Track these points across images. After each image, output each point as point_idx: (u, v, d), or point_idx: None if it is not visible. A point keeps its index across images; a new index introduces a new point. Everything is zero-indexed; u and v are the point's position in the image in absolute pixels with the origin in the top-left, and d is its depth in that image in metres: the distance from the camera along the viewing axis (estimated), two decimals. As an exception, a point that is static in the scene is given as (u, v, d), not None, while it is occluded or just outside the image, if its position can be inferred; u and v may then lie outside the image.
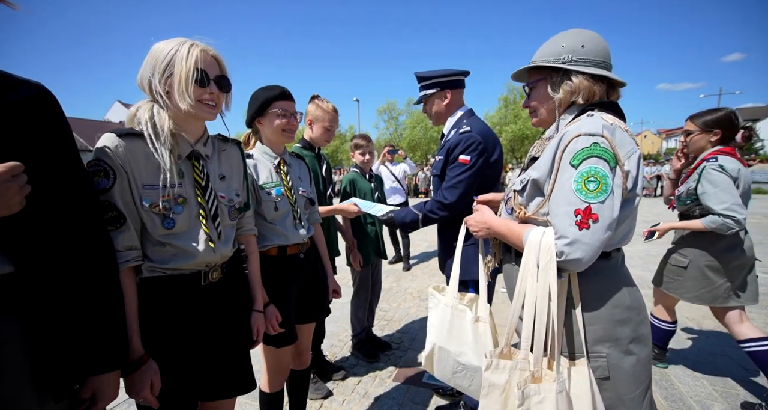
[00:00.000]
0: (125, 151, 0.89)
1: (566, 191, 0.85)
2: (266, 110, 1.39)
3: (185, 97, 0.92)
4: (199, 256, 0.98)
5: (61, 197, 0.72)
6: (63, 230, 0.72)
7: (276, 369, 1.48)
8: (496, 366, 0.92)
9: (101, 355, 0.76)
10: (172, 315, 0.97)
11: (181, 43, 0.94)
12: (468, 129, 1.65)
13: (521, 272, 0.92)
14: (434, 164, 1.81)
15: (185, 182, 0.98)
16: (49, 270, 0.69)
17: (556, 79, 0.99)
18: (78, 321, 0.73)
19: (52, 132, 0.72)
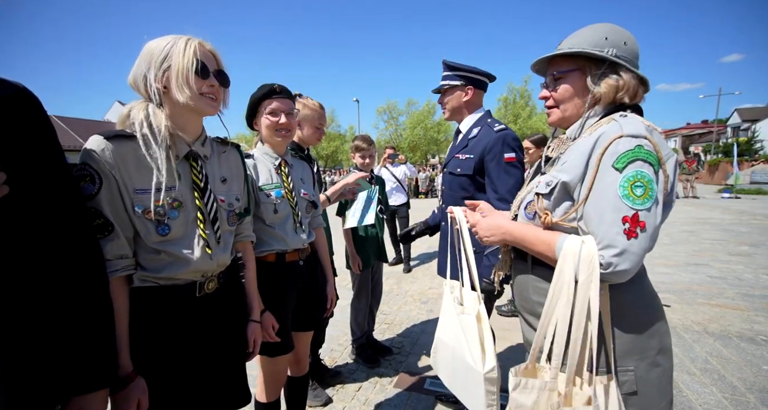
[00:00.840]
0: (114, 154, 0.84)
1: (611, 196, 0.78)
2: (257, 110, 1.36)
3: (185, 90, 0.88)
4: (194, 263, 0.93)
5: (42, 202, 0.67)
6: (45, 238, 0.67)
7: (272, 379, 1.43)
8: (524, 385, 0.86)
9: (87, 373, 0.71)
10: (165, 328, 0.91)
11: (177, 37, 0.91)
12: (504, 127, 1.61)
13: (554, 285, 0.84)
14: (451, 162, 1.73)
15: (182, 185, 0.93)
16: (29, 281, 0.64)
17: (596, 72, 0.90)
18: (62, 336, 0.68)
19: (32, 134, 0.67)
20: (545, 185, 0.91)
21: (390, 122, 28.89)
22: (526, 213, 0.97)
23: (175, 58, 0.88)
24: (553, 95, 0.96)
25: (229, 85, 1.01)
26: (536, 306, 0.96)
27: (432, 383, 2.19)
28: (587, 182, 0.82)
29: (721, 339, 2.67)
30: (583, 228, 0.85)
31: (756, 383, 2.12)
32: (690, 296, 3.58)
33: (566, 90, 0.94)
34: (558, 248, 0.84)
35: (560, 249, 0.83)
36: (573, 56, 0.92)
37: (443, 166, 1.85)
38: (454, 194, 1.71)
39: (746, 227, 7.05)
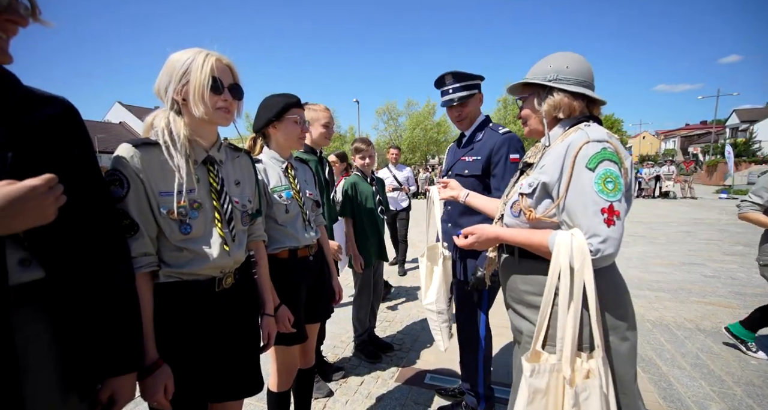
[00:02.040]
0: (141, 160, 0.92)
1: (588, 192, 0.92)
2: (284, 115, 1.42)
3: (200, 105, 0.96)
4: (213, 260, 1.01)
5: (84, 207, 0.75)
6: (86, 238, 0.75)
7: (286, 368, 1.51)
8: (537, 370, 0.94)
9: (119, 358, 0.79)
10: (186, 320, 0.99)
11: (197, 52, 0.98)
12: (508, 130, 1.72)
13: (551, 274, 0.95)
14: (457, 164, 1.79)
15: (200, 188, 1.01)
16: (73, 276, 0.72)
17: (542, 95, 1.09)
18: (97, 325, 0.76)
19: (77, 146, 0.75)
20: (528, 186, 1.04)
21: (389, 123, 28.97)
22: (512, 212, 1.09)
23: (193, 74, 0.95)
24: (522, 114, 1.18)
25: (242, 97, 1.08)
26: (524, 295, 1.10)
27: (432, 377, 2.27)
28: (564, 181, 0.96)
29: (712, 336, 2.75)
30: (567, 222, 0.97)
31: (743, 377, 2.20)
32: (684, 294, 3.67)
33: (526, 111, 1.16)
34: (551, 243, 0.95)
35: (553, 243, 0.95)
36: (528, 84, 1.13)
37: (447, 169, 1.87)
38: None
39: (741, 228, 7.15)
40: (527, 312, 1.09)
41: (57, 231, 0.69)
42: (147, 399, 0.90)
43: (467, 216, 1.73)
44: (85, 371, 0.73)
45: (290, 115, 1.43)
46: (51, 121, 0.70)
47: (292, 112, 1.43)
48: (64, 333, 0.70)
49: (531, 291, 1.08)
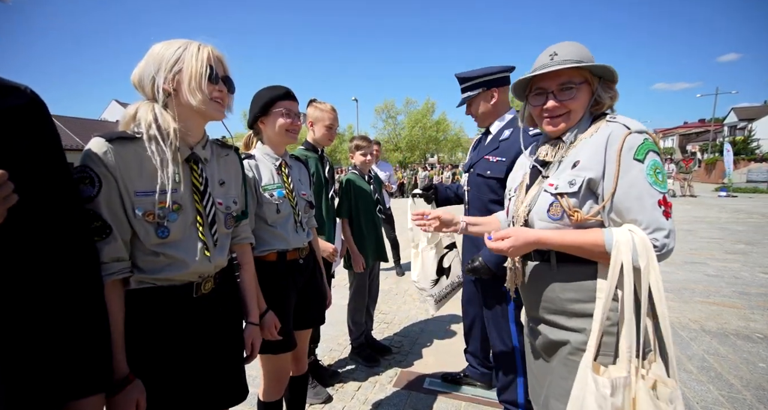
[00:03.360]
0: (115, 156, 0.83)
1: (641, 184, 0.86)
2: (270, 109, 1.36)
3: (197, 94, 0.89)
4: (193, 265, 0.93)
5: (47, 207, 0.67)
6: (46, 242, 0.67)
7: (275, 377, 1.43)
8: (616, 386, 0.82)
9: (83, 378, 0.71)
10: (161, 329, 0.91)
11: (188, 42, 0.92)
12: (539, 131, 1.60)
13: (612, 278, 0.84)
14: (480, 163, 1.69)
15: (182, 187, 0.93)
16: (26, 284, 0.64)
17: (596, 85, 0.99)
18: (57, 340, 0.68)
19: (41, 140, 0.67)
20: (569, 185, 0.93)
21: (388, 122, 28.88)
22: (551, 216, 0.96)
23: (188, 62, 0.89)
24: (569, 105, 0.98)
25: (234, 91, 1.02)
26: (566, 304, 0.97)
27: (431, 382, 2.19)
28: (611, 176, 0.88)
29: (718, 337, 2.69)
30: (616, 219, 0.89)
31: (752, 380, 2.14)
32: (687, 294, 3.61)
33: (579, 100, 0.98)
34: (608, 242, 0.85)
35: (611, 242, 0.85)
36: (579, 69, 0.97)
37: (469, 166, 1.79)
38: (482, 197, 1.67)
39: (743, 226, 7.10)
40: (572, 322, 0.97)
41: (11, 234, 0.61)
42: None
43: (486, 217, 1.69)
44: (34, 395, 0.64)
45: (276, 108, 1.35)
46: (13, 112, 0.62)
47: (278, 105, 1.35)
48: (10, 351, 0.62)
49: (576, 299, 0.96)
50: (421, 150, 27.71)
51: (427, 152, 28.60)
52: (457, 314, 3.24)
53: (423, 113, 27.18)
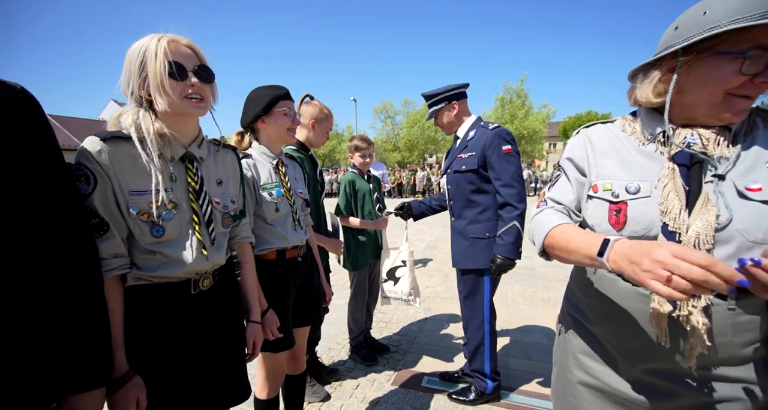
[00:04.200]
0: (109, 155, 0.84)
1: None
2: (272, 108, 1.35)
3: (162, 96, 0.86)
4: (189, 265, 0.93)
5: (39, 203, 0.67)
6: (41, 238, 0.68)
7: (272, 375, 1.43)
8: None
9: (81, 372, 0.71)
10: (161, 325, 0.92)
11: (150, 39, 0.88)
12: (497, 125, 1.86)
13: None
14: (455, 162, 1.93)
15: (177, 187, 0.93)
16: (24, 280, 0.65)
17: None
18: (57, 335, 0.68)
19: (30, 135, 0.67)
20: None
21: (387, 122, 28.88)
22: None
23: (149, 63, 0.85)
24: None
25: (213, 79, 0.96)
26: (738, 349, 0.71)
27: (429, 380, 2.20)
28: None
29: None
30: None
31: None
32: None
33: None
34: None
35: None
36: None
37: (446, 168, 2.02)
38: (462, 190, 1.91)
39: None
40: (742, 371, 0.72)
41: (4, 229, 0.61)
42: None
43: (468, 209, 1.91)
44: (33, 388, 0.65)
45: (279, 108, 1.35)
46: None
47: (280, 105, 1.36)
48: (8, 344, 0.62)
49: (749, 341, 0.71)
50: (420, 150, 27.71)
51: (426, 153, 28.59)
52: (455, 313, 3.26)
53: (422, 113, 27.17)
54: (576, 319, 0.94)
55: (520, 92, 24.15)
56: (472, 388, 1.99)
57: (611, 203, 0.80)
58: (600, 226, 0.81)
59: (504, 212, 1.79)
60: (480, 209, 1.88)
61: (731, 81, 0.68)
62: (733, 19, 0.65)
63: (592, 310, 0.87)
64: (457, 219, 1.97)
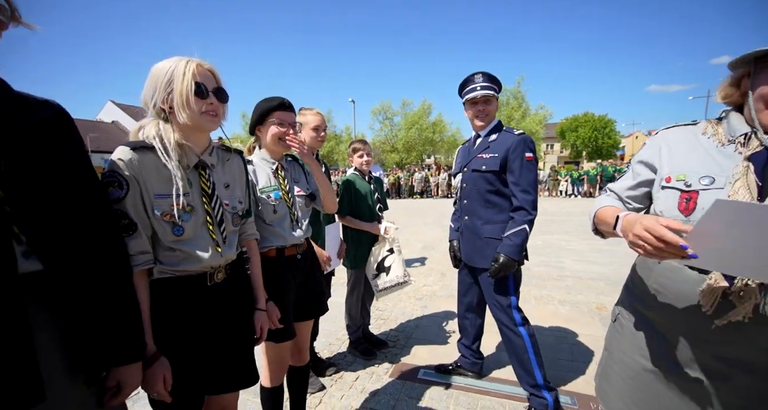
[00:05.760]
0: (138, 163, 0.94)
1: None
2: (265, 119, 1.46)
3: (186, 110, 0.98)
4: (205, 260, 1.04)
5: (77, 205, 0.77)
6: (82, 237, 0.78)
7: (276, 364, 1.53)
8: None
9: (122, 349, 0.82)
10: (181, 313, 1.02)
11: (178, 60, 1.00)
12: (522, 131, 1.90)
13: None
14: (474, 161, 1.95)
15: (192, 191, 1.04)
16: (71, 270, 0.75)
17: None
18: (99, 318, 0.79)
19: (69, 146, 0.77)
20: None
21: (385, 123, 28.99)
22: None
23: (176, 82, 0.97)
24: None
25: (227, 100, 1.09)
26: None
27: (425, 373, 2.31)
28: None
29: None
30: None
31: None
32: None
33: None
34: None
35: None
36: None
37: (461, 166, 2.05)
38: (479, 189, 1.93)
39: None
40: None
41: (52, 228, 0.72)
42: (147, 390, 0.92)
43: (485, 208, 1.92)
44: (89, 359, 0.76)
45: (270, 118, 1.45)
46: (43, 124, 0.72)
47: (272, 115, 1.45)
48: (67, 324, 0.73)
49: None
50: (418, 151, 27.85)
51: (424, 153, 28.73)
52: (450, 310, 3.37)
53: (419, 114, 27.33)
54: (635, 309, 1.04)
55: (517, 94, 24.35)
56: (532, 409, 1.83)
57: (683, 191, 0.88)
58: (669, 212, 0.90)
59: (517, 215, 1.80)
60: (497, 209, 1.89)
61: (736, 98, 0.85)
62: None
63: (655, 298, 0.96)
64: (471, 218, 1.97)
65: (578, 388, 2.10)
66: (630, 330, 1.04)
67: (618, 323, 1.11)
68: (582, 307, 3.40)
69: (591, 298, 3.63)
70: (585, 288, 3.88)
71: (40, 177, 0.71)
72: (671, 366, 0.93)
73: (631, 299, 1.07)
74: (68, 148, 0.77)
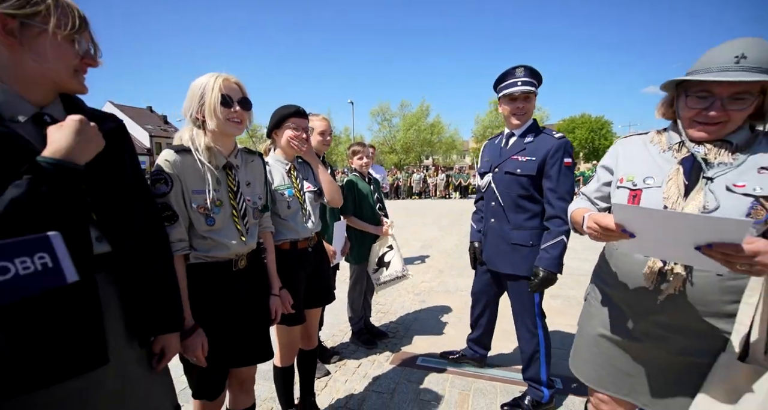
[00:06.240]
0: (180, 163, 1.12)
1: None
2: (282, 124, 1.63)
3: (213, 118, 1.15)
4: (232, 247, 1.20)
5: (133, 200, 0.94)
6: (136, 225, 0.94)
7: (288, 347, 1.70)
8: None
9: (166, 320, 0.99)
10: (212, 294, 1.19)
11: (209, 77, 1.18)
12: (562, 135, 1.80)
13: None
14: (507, 163, 1.85)
15: (221, 188, 1.21)
16: (129, 254, 0.91)
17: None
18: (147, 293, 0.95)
19: (127, 151, 0.94)
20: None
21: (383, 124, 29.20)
22: (756, 220, 0.90)
23: (207, 95, 1.15)
24: (733, 116, 0.93)
25: (251, 108, 1.26)
26: (723, 306, 0.95)
27: (423, 360, 2.47)
28: None
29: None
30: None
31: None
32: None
33: (747, 111, 0.92)
34: None
35: None
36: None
37: (490, 166, 1.94)
38: (511, 193, 1.83)
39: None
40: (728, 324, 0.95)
41: (116, 218, 0.88)
42: (188, 354, 1.09)
43: (515, 213, 1.84)
44: (141, 326, 0.92)
45: (287, 123, 1.62)
46: (111, 133, 0.89)
47: (289, 121, 1.62)
48: (126, 297, 0.89)
49: (734, 299, 0.94)
50: (417, 152, 28.06)
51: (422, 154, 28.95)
52: (447, 305, 3.54)
53: (418, 115, 27.56)
54: (600, 288, 1.23)
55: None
56: (527, 399, 1.92)
57: (631, 190, 1.08)
58: None
59: (552, 224, 1.72)
60: (528, 215, 1.81)
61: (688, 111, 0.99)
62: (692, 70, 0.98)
63: (614, 277, 1.15)
64: (498, 221, 1.89)
65: (566, 372, 2.26)
66: (596, 307, 1.22)
67: (587, 302, 1.29)
68: (572, 301, 3.58)
69: (581, 293, 3.79)
70: (576, 284, 4.05)
71: (108, 175, 0.87)
72: (624, 333, 1.12)
73: (598, 281, 1.25)
74: (126, 153, 0.94)
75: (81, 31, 0.80)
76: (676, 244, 0.85)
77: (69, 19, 0.77)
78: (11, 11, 0.71)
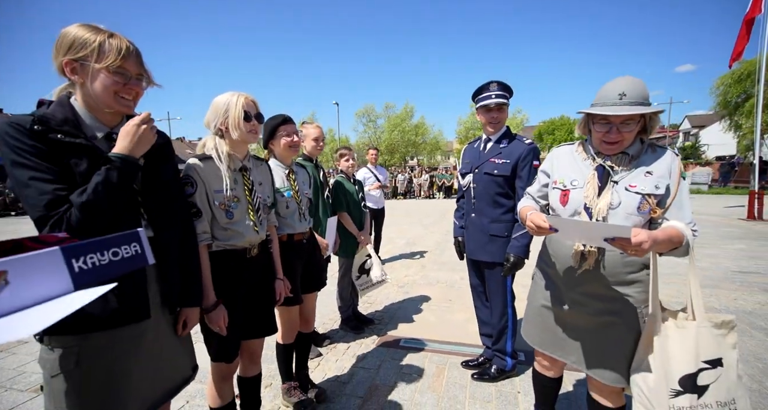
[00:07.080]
0: (203, 168, 1.36)
1: (686, 193, 1.24)
2: (275, 133, 1.88)
3: (236, 131, 1.41)
4: (248, 237, 1.46)
5: (173, 199, 1.19)
6: (173, 217, 1.19)
7: (289, 325, 1.96)
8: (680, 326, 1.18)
9: (190, 296, 1.23)
10: (229, 277, 1.44)
11: (231, 95, 1.42)
12: (531, 141, 2.13)
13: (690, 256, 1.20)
14: (486, 164, 2.14)
15: (237, 187, 1.46)
16: (166, 240, 1.15)
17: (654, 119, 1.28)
18: (178, 272, 1.19)
19: (171, 163, 1.19)
20: (654, 188, 1.22)
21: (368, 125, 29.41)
22: (640, 211, 1.23)
23: (231, 111, 1.39)
24: (626, 136, 1.25)
25: (263, 121, 1.52)
26: (625, 276, 1.29)
27: (406, 341, 2.77)
28: (674, 186, 1.23)
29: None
30: (666, 217, 1.22)
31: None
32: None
33: (635, 131, 1.26)
34: (685, 234, 1.16)
35: (686, 235, 1.16)
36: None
37: (471, 167, 2.22)
38: (489, 190, 2.13)
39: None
40: (629, 289, 1.29)
41: (158, 211, 1.13)
42: (212, 325, 1.33)
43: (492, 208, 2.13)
44: (171, 298, 1.16)
45: (279, 132, 1.87)
46: (161, 146, 1.13)
47: (280, 130, 1.87)
48: (163, 273, 1.13)
49: (632, 270, 1.28)
50: (401, 153, 28.41)
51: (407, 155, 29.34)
52: (427, 295, 3.86)
53: (402, 117, 27.93)
54: (542, 268, 1.54)
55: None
56: (494, 367, 2.23)
57: (561, 190, 1.38)
58: (554, 204, 1.42)
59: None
60: (503, 210, 2.10)
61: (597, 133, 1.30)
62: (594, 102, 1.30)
63: (551, 258, 1.47)
64: (478, 216, 2.17)
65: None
66: (539, 283, 1.55)
67: (534, 280, 1.61)
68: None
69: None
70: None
71: (153, 180, 1.12)
72: (558, 302, 1.45)
73: (540, 262, 1.58)
74: (170, 162, 1.18)
75: (121, 63, 0.97)
76: (589, 238, 1.21)
77: (109, 54, 0.96)
78: (71, 57, 0.95)
